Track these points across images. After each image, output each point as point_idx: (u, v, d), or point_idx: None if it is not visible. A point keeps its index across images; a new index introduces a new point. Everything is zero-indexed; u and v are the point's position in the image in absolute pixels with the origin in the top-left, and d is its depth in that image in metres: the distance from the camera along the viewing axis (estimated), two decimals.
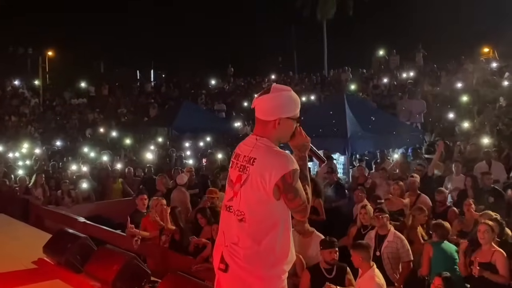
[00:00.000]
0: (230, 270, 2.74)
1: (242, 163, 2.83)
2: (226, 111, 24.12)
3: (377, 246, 6.33)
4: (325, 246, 5.66)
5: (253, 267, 2.72)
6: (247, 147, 2.87)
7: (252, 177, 2.75)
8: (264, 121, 2.85)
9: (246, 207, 2.76)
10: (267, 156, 2.77)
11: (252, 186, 2.74)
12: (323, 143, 12.68)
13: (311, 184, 6.65)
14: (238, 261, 2.72)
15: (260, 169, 2.74)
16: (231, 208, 2.82)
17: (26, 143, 17.26)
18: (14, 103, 27.09)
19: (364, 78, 24.59)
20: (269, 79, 29.81)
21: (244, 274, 2.72)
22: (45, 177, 11.29)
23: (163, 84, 33.12)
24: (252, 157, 2.79)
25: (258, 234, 2.72)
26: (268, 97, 2.84)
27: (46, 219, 9.70)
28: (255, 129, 2.92)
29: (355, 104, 13.77)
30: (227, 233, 2.82)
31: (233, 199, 2.82)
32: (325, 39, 33.44)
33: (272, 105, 2.83)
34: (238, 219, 2.77)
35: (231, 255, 2.75)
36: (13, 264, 6.45)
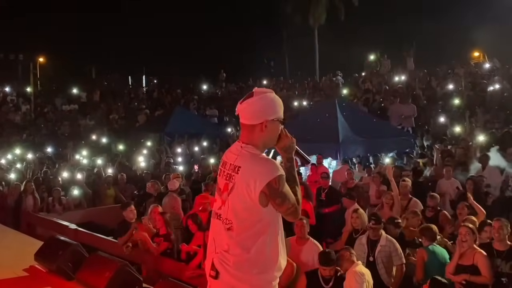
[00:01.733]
0: (220, 277, 2.75)
1: (228, 171, 2.82)
2: (218, 116, 24.11)
3: (370, 252, 6.34)
4: (323, 263, 5.62)
5: (243, 274, 2.72)
6: (233, 154, 2.86)
7: (238, 185, 2.74)
8: (251, 126, 2.84)
9: (233, 215, 2.75)
10: (252, 164, 2.75)
11: (238, 194, 2.74)
12: (315, 148, 12.74)
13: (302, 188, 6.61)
14: (229, 268, 2.73)
15: (245, 177, 2.73)
16: (220, 216, 2.83)
17: (18, 150, 17.17)
18: (5, 110, 26.94)
19: (355, 83, 24.67)
20: (260, 84, 29.88)
21: (234, 281, 2.73)
22: (36, 184, 11.22)
23: (155, 89, 33.07)
24: (237, 166, 2.78)
25: (246, 242, 2.72)
26: (253, 101, 2.82)
27: (38, 226, 9.66)
28: (241, 136, 2.90)
29: (346, 109, 13.83)
30: (217, 240, 2.83)
31: (222, 208, 2.82)
32: (316, 44, 33.59)
33: (257, 108, 2.81)
34: (226, 228, 2.77)
35: (222, 262, 2.75)
36: (4, 272, 6.41)
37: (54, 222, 9.45)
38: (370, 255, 6.29)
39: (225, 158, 2.91)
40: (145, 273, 6.99)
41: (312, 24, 33.14)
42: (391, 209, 8.21)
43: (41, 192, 11.04)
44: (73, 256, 6.09)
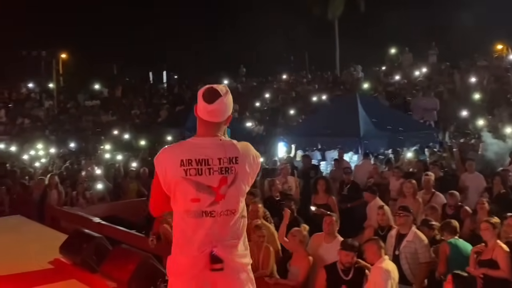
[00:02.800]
0: (227, 266, 2.84)
1: (222, 165, 2.86)
2: (238, 111, 24.15)
3: (396, 245, 6.29)
4: (344, 247, 5.60)
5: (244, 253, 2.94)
6: (217, 149, 2.90)
7: (241, 174, 2.89)
8: (217, 123, 2.96)
9: (237, 204, 2.89)
10: (245, 150, 2.97)
11: (243, 181, 2.91)
12: (336, 142, 12.72)
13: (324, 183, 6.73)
14: (235, 253, 2.87)
15: (245, 163, 2.91)
16: (213, 213, 2.84)
17: (41, 145, 17.44)
18: (28, 106, 27.37)
19: (376, 77, 24.48)
20: (280, 79, 29.81)
21: (239, 265, 2.90)
22: (60, 179, 11.40)
23: (175, 85, 33.24)
24: (233, 157, 2.89)
25: (241, 223, 2.93)
26: (222, 101, 2.91)
27: (62, 220, 9.78)
28: (208, 132, 2.95)
29: (367, 103, 13.75)
30: (217, 235, 2.85)
31: (218, 204, 2.84)
32: (336, 37, 33.32)
33: (226, 107, 2.96)
34: (230, 219, 2.87)
35: (226, 251, 2.84)
36: (30, 264, 6.51)
37: (78, 215, 9.56)
38: (396, 249, 6.24)
39: (199, 156, 2.86)
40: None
41: (331, 17, 32.90)
42: (414, 198, 8.17)
43: (65, 186, 11.20)
44: (97, 249, 6.15)
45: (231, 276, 2.86)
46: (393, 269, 5.37)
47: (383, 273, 5.21)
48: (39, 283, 5.86)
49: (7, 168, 13.53)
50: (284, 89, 26.81)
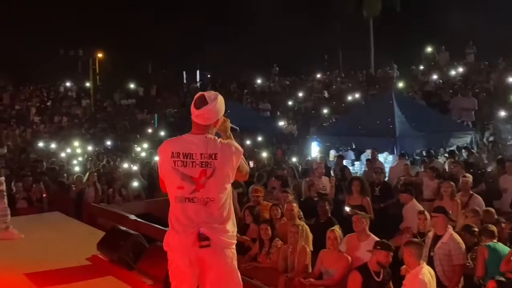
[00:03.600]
0: (213, 244, 3.32)
1: (203, 160, 3.34)
2: (270, 110, 24.14)
3: (432, 246, 6.18)
4: (384, 247, 5.50)
5: (228, 233, 3.39)
6: (201, 146, 3.37)
7: (219, 168, 3.35)
8: (206, 126, 3.45)
9: (216, 193, 3.36)
10: (225, 148, 3.39)
11: (221, 175, 3.35)
12: (370, 142, 12.58)
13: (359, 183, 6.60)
14: (219, 232, 3.34)
15: (225, 160, 3.36)
16: (194, 199, 3.35)
17: (78, 143, 17.80)
18: (66, 104, 27.98)
19: (412, 76, 24.12)
20: (314, 78, 29.67)
21: (224, 242, 3.37)
22: (97, 176, 11.60)
23: (208, 84, 33.45)
24: (212, 153, 3.35)
25: (225, 209, 3.39)
26: (208, 109, 3.40)
27: (99, 217, 9.91)
28: (196, 131, 3.45)
29: (403, 102, 13.58)
30: (200, 217, 3.34)
31: (198, 191, 3.34)
32: (371, 36, 32.93)
33: (212, 114, 3.44)
34: (209, 205, 3.35)
35: (212, 231, 3.33)
36: (68, 260, 6.63)
37: (115, 212, 9.67)
38: (431, 250, 6.13)
39: (185, 150, 3.38)
40: None
41: (366, 16, 32.55)
42: (451, 200, 8.01)
43: (102, 184, 11.39)
44: (134, 246, 6.21)
45: (217, 252, 3.34)
46: (430, 279, 5.25)
47: (421, 285, 5.08)
48: (77, 279, 5.95)
49: (44, 165, 13.85)
50: (317, 88, 26.68)
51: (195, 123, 3.46)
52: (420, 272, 5.14)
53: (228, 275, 3.42)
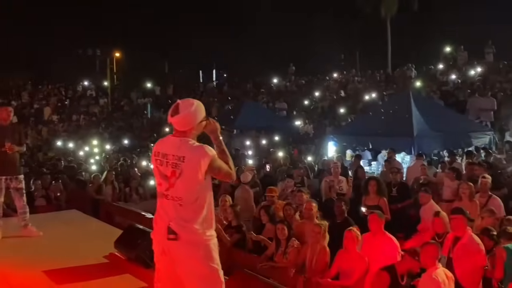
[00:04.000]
0: (180, 238, 3.58)
1: (173, 161, 3.62)
2: (287, 110, 24.10)
3: (451, 248, 6.12)
4: (412, 255, 5.46)
5: (198, 229, 3.62)
6: (174, 147, 3.65)
7: (186, 170, 3.58)
8: (183, 131, 3.68)
9: (183, 193, 3.61)
10: (193, 152, 3.61)
11: (188, 177, 3.59)
12: (388, 142, 12.48)
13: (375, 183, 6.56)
14: (186, 229, 3.60)
15: (192, 163, 3.58)
16: (168, 196, 3.65)
17: (96, 142, 17.94)
18: (84, 103, 28.24)
19: (430, 75, 23.90)
20: (330, 77, 29.56)
21: (193, 237, 3.61)
22: (115, 175, 11.68)
23: (225, 83, 33.51)
24: (181, 156, 3.60)
25: (195, 210, 3.63)
26: (181, 117, 3.65)
27: (116, 215, 9.99)
28: (175, 132, 3.71)
29: (421, 102, 13.45)
30: (170, 213, 3.64)
31: (170, 190, 3.64)
32: (388, 35, 32.74)
33: (186, 122, 3.67)
34: (178, 204, 3.62)
35: (180, 226, 3.59)
36: (86, 258, 6.66)
37: (132, 211, 9.72)
38: (450, 252, 6.07)
39: (164, 150, 3.69)
40: None
41: (384, 15, 32.36)
42: (470, 201, 7.92)
43: (119, 182, 11.47)
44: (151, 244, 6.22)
45: (185, 247, 3.60)
46: (445, 279, 5.19)
47: (434, 285, 5.03)
48: (95, 276, 5.98)
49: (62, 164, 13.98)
50: (334, 88, 26.57)
51: (174, 128, 3.74)
52: (434, 272, 5.10)
53: (197, 270, 3.63)
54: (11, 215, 8.74)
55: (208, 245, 3.66)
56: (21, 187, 7.74)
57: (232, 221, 7.63)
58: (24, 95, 27.78)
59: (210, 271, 3.67)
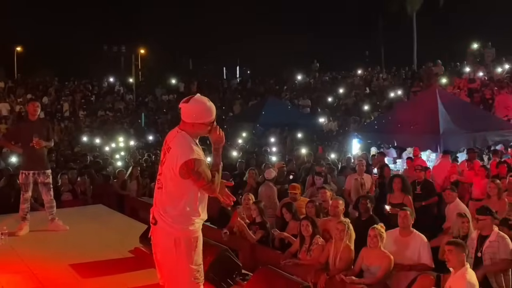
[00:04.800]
0: (158, 224, 3.79)
1: (165, 149, 3.80)
2: (311, 107, 24.01)
3: (478, 247, 6.02)
4: None
5: (172, 221, 3.74)
6: (170, 137, 3.82)
7: (168, 161, 3.74)
8: (184, 121, 3.77)
9: (164, 182, 3.77)
10: (178, 146, 3.71)
11: (167, 167, 3.73)
12: (413, 140, 12.34)
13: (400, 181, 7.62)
14: (162, 217, 3.76)
15: (172, 156, 3.71)
16: (159, 181, 3.83)
17: (121, 137, 18.13)
18: (109, 99, 28.53)
19: (457, 72, 23.54)
20: (355, 74, 29.33)
21: (166, 226, 3.75)
22: (139, 170, 11.78)
23: (248, 80, 33.52)
24: (169, 146, 3.76)
25: (173, 201, 3.75)
26: (186, 106, 3.74)
27: (140, 210, 10.07)
28: (181, 124, 3.81)
29: (448, 100, 13.25)
30: (157, 199, 3.83)
31: (160, 175, 3.82)
32: (414, 31, 32.35)
33: (189, 113, 3.73)
34: (161, 191, 3.79)
35: (159, 213, 3.78)
36: (111, 252, 6.77)
37: None
38: (478, 251, 5.97)
39: (166, 138, 3.87)
40: (242, 260, 7.11)
41: (409, 11, 31.98)
42: (499, 199, 7.79)
43: (144, 177, 11.56)
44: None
45: (160, 233, 3.80)
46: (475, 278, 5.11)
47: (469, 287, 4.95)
48: (120, 271, 6.06)
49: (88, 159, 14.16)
50: (358, 84, 26.37)
51: None
52: (466, 273, 5.02)
53: (166, 259, 3.80)
54: (38, 209, 8.92)
55: (179, 239, 3.74)
56: (48, 182, 7.86)
57: (256, 217, 7.62)
58: (51, 91, 28.17)
59: (179, 264, 3.76)
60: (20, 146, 7.86)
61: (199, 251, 3.88)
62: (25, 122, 8.13)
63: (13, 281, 5.79)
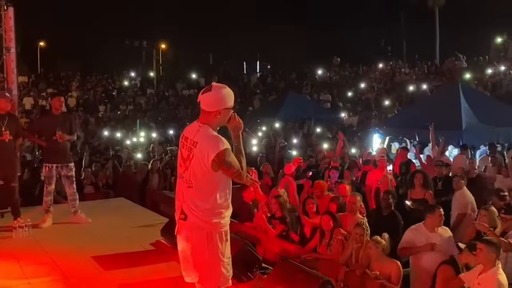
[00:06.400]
0: (188, 219, 3.74)
1: (189, 145, 3.73)
2: (331, 102, 23.89)
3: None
4: (469, 249, 5.34)
5: (203, 215, 3.72)
6: (193, 132, 3.76)
7: (196, 156, 3.68)
8: (208, 112, 3.72)
9: (193, 177, 3.72)
10: (206, 140, 3.67)
11: (197, 163, 3.68)
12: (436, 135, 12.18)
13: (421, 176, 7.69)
14: (194, 212, 3.73)
15: (201, 150, 3.66)
16: (184, 178, 3.77)
17: (143, 132, 18.26)
18: (131, 93, 28.77)
19: (479, 67, 23.20)
20: (376, 69, 29.07)
21: (198, 221, 3.72)
22: (160, 164, 11.86)
23: (268, 75, 33.47)
24: (195, 141, 3.70)
25: (204, 195, 3.73)
26: (211, 94, 3.69)
27: (162, 203, 10.14)
28: (200, 118, 3.77)
29: (470, 94, 13.09)
30: (185, 194, 3.78)
31: (185, 172, 3.76)
32: (437, 25, 31.93)
33: (214, 100, 3.69)
34: (189, 186, 3.74)
35: (189, 208, 3.74)
36: (133, 245, 6.83)
37: None
38: None
39: (186, 134, 3.81)
40: (261, 254, 7.13)
41: (431, 5, 31.56)
42: None
43: (165, 171, 11.64)
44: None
45: (189, 228, 3.75)
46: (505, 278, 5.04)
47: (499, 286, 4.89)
48: (141, 263, 6.11)
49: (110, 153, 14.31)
50: (379, 79, 26.14)
51: (201, 109, 3.78)
52: (498, 273, 4.95)
53: (198, 254, 3.76)
54: (61, 202, 9.06)
55: (211, 233, 3.73)
56: (71, 175, 7.97)
57: (276, 212, 7.64)
58: (73, 85, 28.50)
59: (210, 259, 3.75)
60: (44, 139, 7.98)
61: (229, 245, 3.88)
62: (48, 116, 8.25)
63: (37, 272, 5.88)
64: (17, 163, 8.02)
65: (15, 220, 7.42)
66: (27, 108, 23.34)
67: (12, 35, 8.45)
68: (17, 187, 7.74)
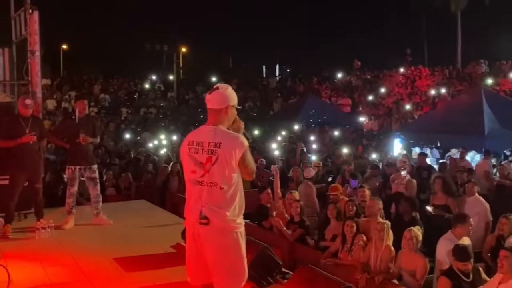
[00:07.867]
0: (211, 223, 3.69)
1: (209, 147, 3.70)
2: (351, 106, 23.78)
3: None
4: (460, 259, 5.29)
5: (229, 216, 3.72)
6: (210, 135, 3.73)
7: (222, 156, 3.66)
8: (217, 110, 3.76)
9: (218, 179, 3.68)
10: (230, 139, 3.71)
11: (223, 163, 3.67)
12: (457, 140, 12.09)
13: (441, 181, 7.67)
14: (218, 215, 3.69)
15: (227, 149, 3.67)
16: (202, 182, 3.72)
17: (163, 134, 18.40)
18: (152, 96, 28.99)
19: (502, 71, 22.87)
20: (397, 73, 28.84)
21: (223, 223, 3.71)
22: (181, 166, 11.92)
23: (288, 78, 33.45)
24: (217, 142, 3.68)
25: (231, 196, 3.74)
26: (219, 93, 3.77)
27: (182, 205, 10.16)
28: (209, 120, 3.79)
29: (493, 99, 12.93)
30: (205, 198, 3.71)
31: (205, 176, 3.71)
32: (459, 29, 31.57)
33: (223, 97, 3.76)
34: (213, 189, 3.69)
35: (212, 211, 3.68)
36: (154, 247, 6.90)
37: None
38: None
39: (196, 139, 3.78)
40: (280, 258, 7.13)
41: (453, 10, 31.24)
42: None
43: None
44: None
45: (213, 231, 3.69)
46: None
47: None
48: (162, 265, 6.18)
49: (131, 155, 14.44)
50: (400, 83, 25.93)
51: (209, 111, 3.82)
52: None
53: (224, 256, 3.74)
54: (83, 204, 9.17)
55: (236, 233, 3.77)
56: (95, 177, 8.07)
57: (295, 216, 7.64)
58: (96, 88, 28.81)
59: (236, 258, 3.78)
60: (67, 141, 8.10)
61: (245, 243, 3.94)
62: (72, 119, 8.38)
63: (59, 273, 5.97)
64: (41, 164, 8.13)
65: (38, 221, 7.53)
66: (50, 108, 23.63)
67: (37, 39, 8.57)
68: (41, 188, 7.86)
